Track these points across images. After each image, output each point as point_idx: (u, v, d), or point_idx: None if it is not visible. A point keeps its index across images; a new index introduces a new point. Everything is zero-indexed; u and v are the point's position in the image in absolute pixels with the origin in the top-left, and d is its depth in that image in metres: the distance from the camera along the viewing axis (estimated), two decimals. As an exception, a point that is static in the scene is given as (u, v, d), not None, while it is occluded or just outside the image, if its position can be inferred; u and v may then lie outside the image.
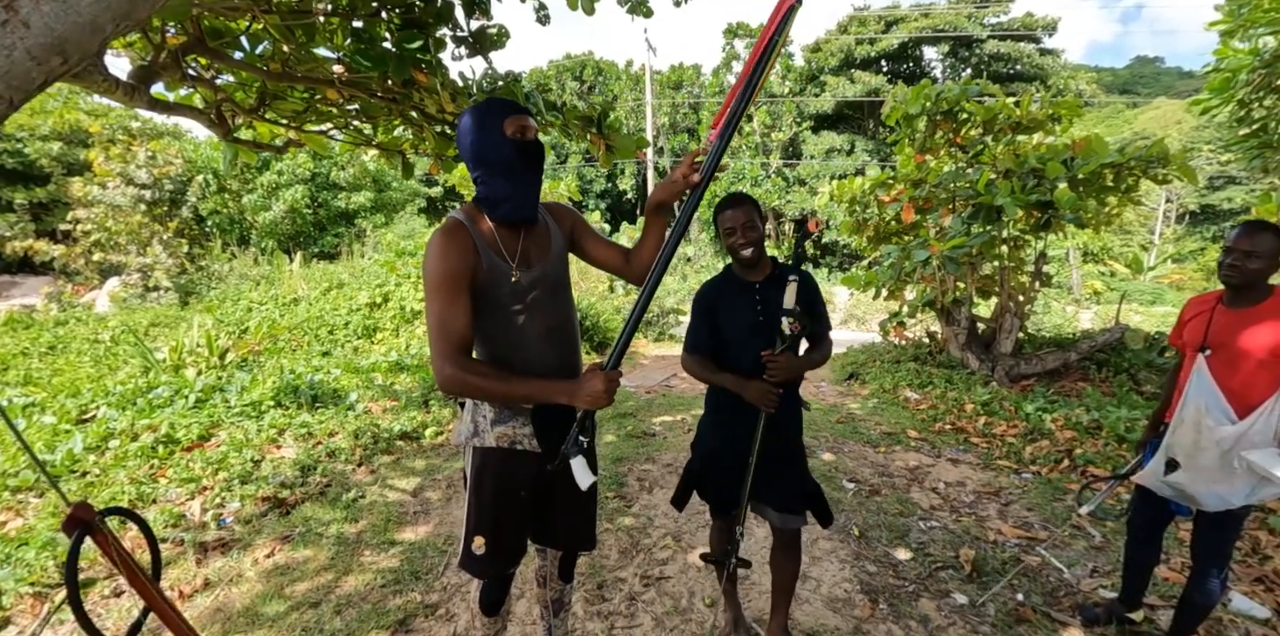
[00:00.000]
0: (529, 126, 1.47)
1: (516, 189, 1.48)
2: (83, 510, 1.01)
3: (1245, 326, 1.88)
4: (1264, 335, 1.84)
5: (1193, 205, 31.55)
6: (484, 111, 1.46)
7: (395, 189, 17.57)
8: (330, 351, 8.02)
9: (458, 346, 1.39)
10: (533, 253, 1.55)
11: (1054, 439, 4.41)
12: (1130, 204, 6.12)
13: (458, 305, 1.39)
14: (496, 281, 1.47)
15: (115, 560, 1.04)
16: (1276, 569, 2.82)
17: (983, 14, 24.85)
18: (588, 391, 1.38)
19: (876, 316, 11.77)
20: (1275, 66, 5.33)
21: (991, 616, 2.42)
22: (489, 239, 1.48)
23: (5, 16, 0.65)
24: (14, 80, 0.69)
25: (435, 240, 1.43)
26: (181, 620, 1.15)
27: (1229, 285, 1.94)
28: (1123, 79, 73.07)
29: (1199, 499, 1.94)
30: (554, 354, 1.57)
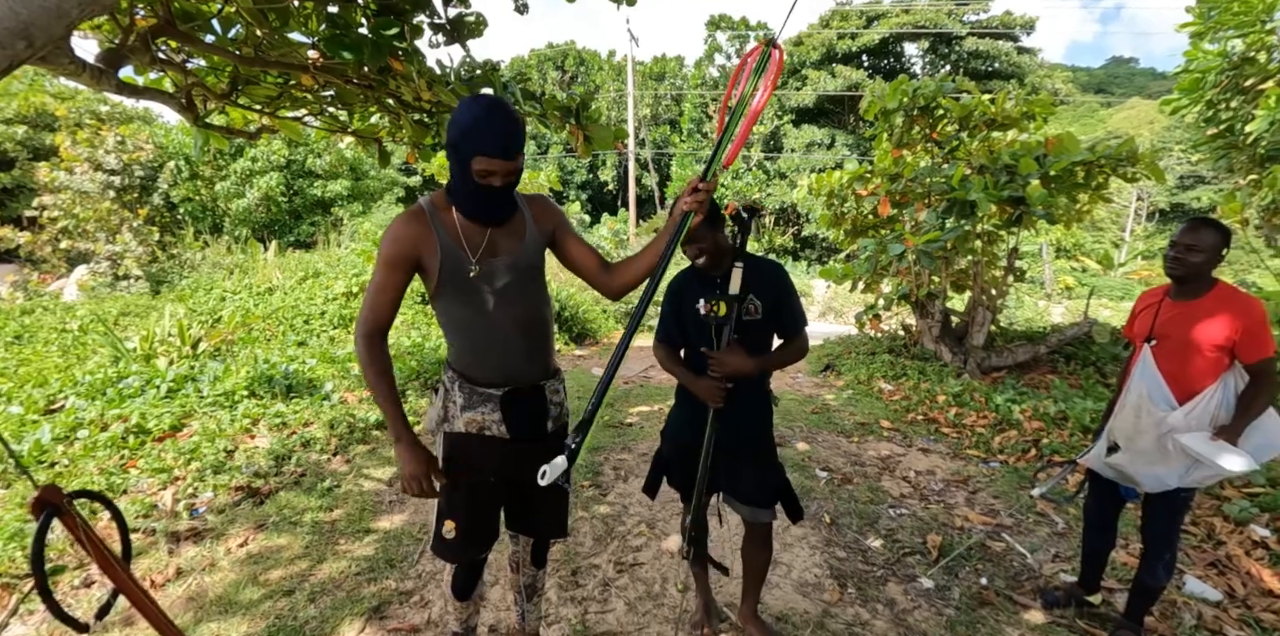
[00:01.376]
0: (494, 173, 1.39)
1: (476, 205, 1.49)
2: (50, 492, 1.01)
3: (1188, 318, 1.97)
4: (1205, 327, 1.92)
5: (1163, 203, 32.30)
6: (467, 132, 1.36)
7: (373, 177, 17.31)
8: (306, 341, 7.92)
9: (373, 323, 1.50)
10: (501, 244, 1.54)
11: (1022, 429, 4.53)
12: (1100, 201, 6.26)
13: (387, 287, 1.48)
14: (455, 270, 1.48)
15: (84, 542, 1.05)
16: (1229, 554, 2.94)
17: (963, 11, 25.09)
18: (402, 464, 1.53)
19: (853, 309, 11.93)
20: (1243, 68, 5.48)
21: (956, 599, 2.50)
22: (450, 229, 1.49)
23: None
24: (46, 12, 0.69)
25: (393, 222, 1.49)
26: (151, 602, 1.15)
27: (1173, 277, 2.03)
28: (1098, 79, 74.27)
29: (1138, 479, 2.03)
30: (523, 344, 1.58)
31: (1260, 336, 1.88)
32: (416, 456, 1.52)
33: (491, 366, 1.57)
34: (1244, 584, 2.69)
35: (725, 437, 1.87)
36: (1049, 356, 6.69)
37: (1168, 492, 2.02)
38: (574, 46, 30.83)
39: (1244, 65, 5.42)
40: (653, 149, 28.80)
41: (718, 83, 27.73)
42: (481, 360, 1.56)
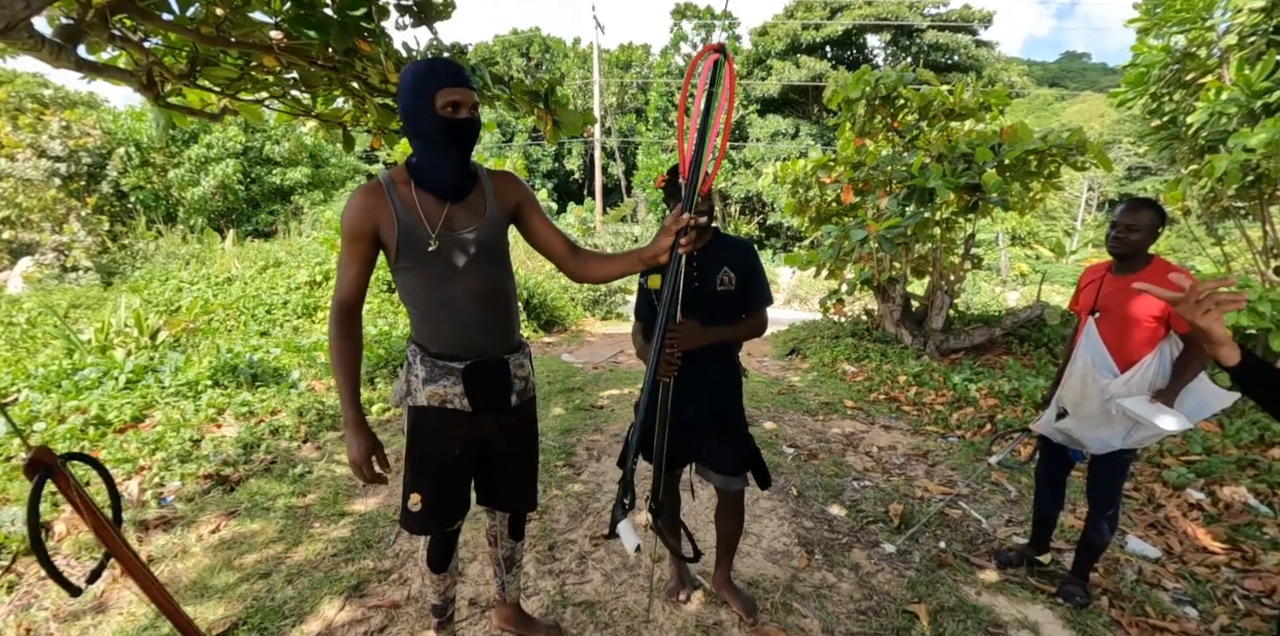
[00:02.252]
0: (461, 102, 1.41)
1: (436, 162, 1.48)
2: (44, 453, 1.02)
3: (1128, 291, 2.11)
4: (1143, 300, 2.07)
5: (1112, 193, 33.46)
6: (421, 76, 1.40)
7: (334, 165, 16.89)
8: (269, 331, 7.77)
9: (339, 298, 1.54)
10: (458, 218, 1.52)
11: (978, 406, 4.73)
12: (1053, 189, 6.51)
13: (352, 261, 1.52)
14: (413, 243, 1.48)
15: (76, 504, 1.06)
16: (1168, 516, 3.15)
17: (923, 4, 25.51)
18: (350, 449, 1.53)
19: (817, 295, 12.17)
20: (1184, 63, 5.71)
21: (916, 562, 2.64)
22: (407, 203, 1.48)
23: None
24: None
25: (352, 196, 1.50)
26: (141, 565, 1.18)
27: (1115, 255, 2.17)
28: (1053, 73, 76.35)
29: (1085, 442, 2.18)
30: (481, 317, 1.57)
31: None
32: (362, 442, 1.53)
33: (449, 339, 1.57)
34: (1180, 542, 2.90)
35: (697, 410, 1.95)
36: (1003, 338, 6.97)
37: (1111, 454, 2.18)
38: (539, 33, 30.43)
39: (1186, 60, 5.66)
40: (619, 137, 28.69)
41: (683, 71, 27.71)
42: (439, 333, 1.56)
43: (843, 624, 2.21)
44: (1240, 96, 4.85)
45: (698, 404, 1.95)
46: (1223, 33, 5.30)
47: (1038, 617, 2.29)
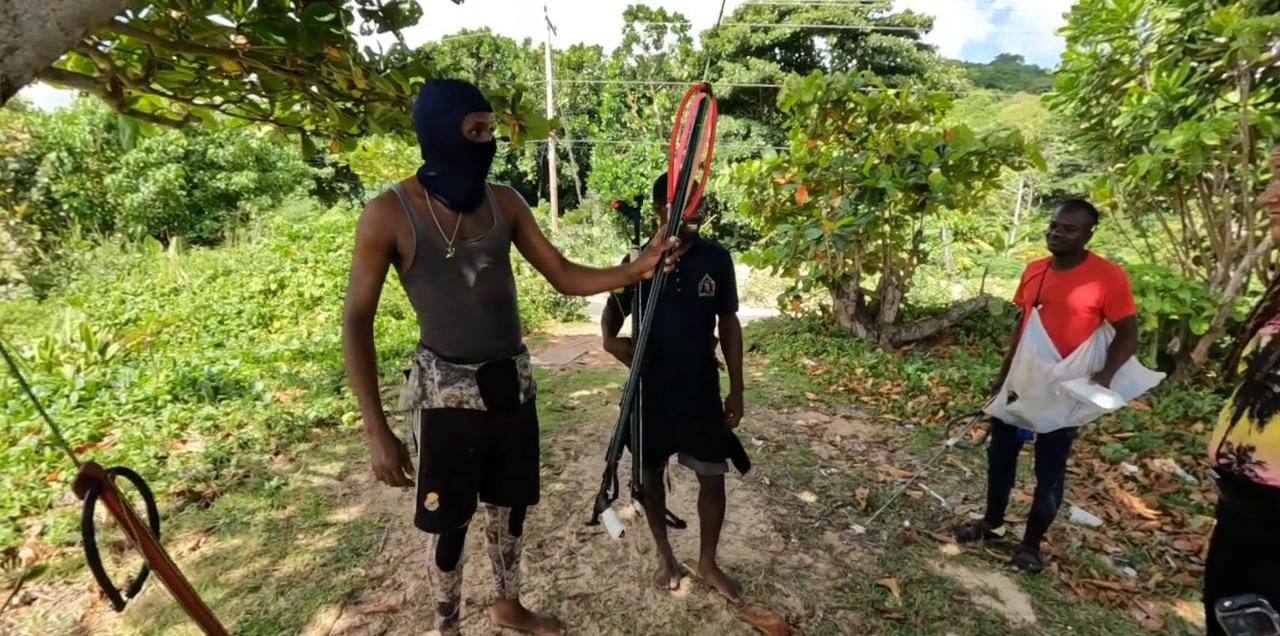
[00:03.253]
0: (485, 125, 1.53)
1: (459, 179, 1.57)
2: (93, 469, 1.06)
3: (1067, 285, 2.34)
4: (1080, 291, 2.30)
5: (1046, 190, 35.16)
6: (449, 98, 1.49)
7: (281, 168, 16.39)
8: (223, 342, 7.56)
9: (353, 307, 1.59)
10: (469, 228, 1.62)
11: (931, 394, 5.01)
12: (992, 187, 6.89)
13: (366, 271, 1.56)
14: (431, 252, 1.56)
15: (123, 519, 1.10)
16: (1106, 487, 3.43)
17: (867, 9, 26.31)
18: (375, 456, 1.60)
19: (773, 293, 12.47)
20: (1110, 69, 6.09)
21: (884, 541, 2.83)
22: (423, 213, 1.57)
23: None
24: (43, 49, 0.75)
25: (368, 208, 1.56)
26: (181, 579, 1.22)
27: (1055, 252, 2.41)
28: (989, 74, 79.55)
29: (1034, 422, 2.40)
30: (493, 321, 1.67)
31: (1123, 298, 2.27)
32: (389, 449, 1.58)
33: (463, 343, 1.66)
34: (1118, 511, 3.17)
35: (681, 403, 2.08)
36: (951, 329, 7.34)
37: (1056, 432, 2.40)
38: (489, 33, 30.12)
39: (1111, 66, 6.04)
40: (572, 139, 28.67)
41: (635, 73, 27.87)
42: (453, 338, 1.65)
43: (822, 600, 2.36)
44: (1160, 101, 5.23)
45: (682, 397, 2.09)
46: (1144, 41, 5.67)
47: (996, 584, 2.49)
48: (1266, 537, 1.09)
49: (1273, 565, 1.08)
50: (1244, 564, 1.14)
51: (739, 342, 2.22)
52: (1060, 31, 6.60)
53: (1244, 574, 1.14)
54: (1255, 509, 1.10)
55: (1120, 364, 2.29)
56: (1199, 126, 4.71)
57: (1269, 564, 1.09)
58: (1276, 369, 1.08)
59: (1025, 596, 2.43)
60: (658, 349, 2.05)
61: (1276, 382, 1.07)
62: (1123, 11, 5.73)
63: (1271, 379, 1.08)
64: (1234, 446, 1.13)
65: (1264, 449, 1.08)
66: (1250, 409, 1.12)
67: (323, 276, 8.85)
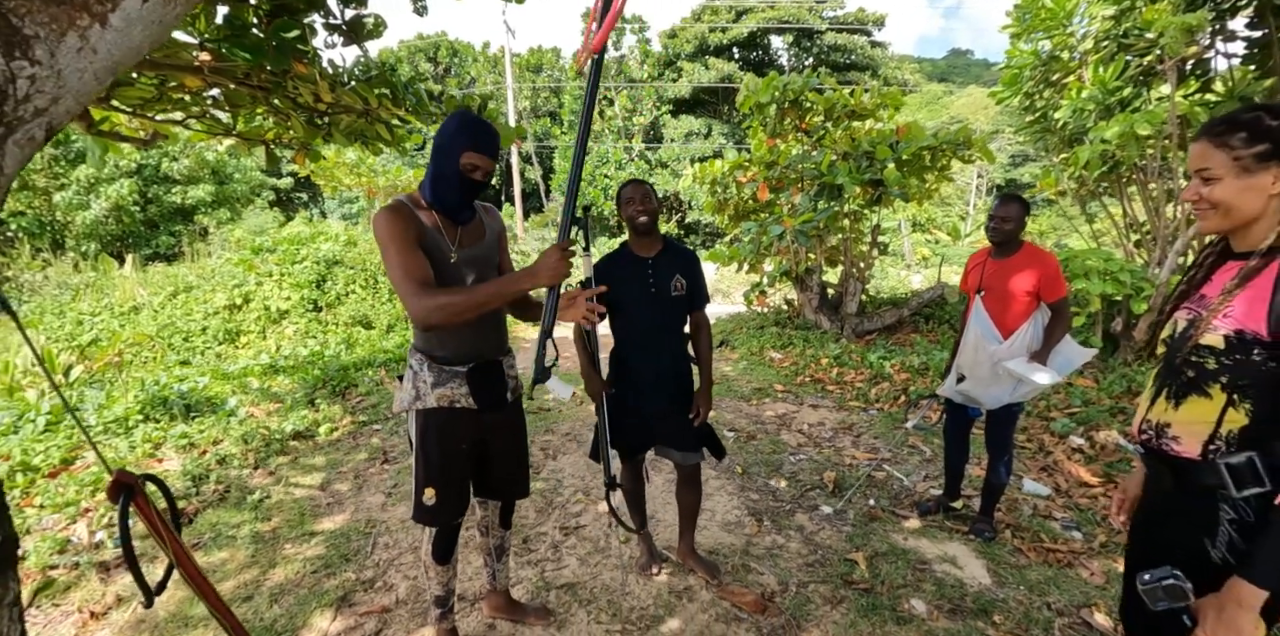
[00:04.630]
0: (480, 167, 1.67)
1: (451, 199, 1.72)
2: (125, 475, 1.14)
3: (1005, 272, 2.55)
4: (1018, 278, 2.51)
5: (999, 180, 36.19)
6: (459, 133, 1.64)
7: (238, 181, 16.06)
8: (189, 360, 7.45)
9: (419, 280, 1.56)
10: (465, 238, 1.79)
11: (893, 381, 5.23)
12: (945, 180, 7.18)
13: (416, 254, 1.60)
14: (438, 257, 1.70)
15: (153, 520, 1.18)
16: (1055, 460, 3.67)
17: (822, 8, 26.82)
18: (546, 266, 1.52)
19: (739, 289, 12.71)
20: (1051, 65, 6.38)
21: (852, 519, 3.00)
22: (429, 222, 1.71)
23: (80, 44, 0.81)
24: (81, 97, 0.84)
25: (384, 215, 1.64)
26: (203, 577, 1.30)
27: (993, 242, 2.62)
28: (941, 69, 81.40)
29: (982, 400, 2.60)
30: (484, 325, 1.82)
31: (1057, 282, 2.48)
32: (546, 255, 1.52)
33: (455, 345, 1.79)
34: (1066, 481, 3.40)
35: (657, 396, 2.22)
36: (911, 318, 7.62)
37: (1003, 407, 2.61)
38: (445, 37, 29.86)
39: (1052, 62, 6.34)
40: (534, 142, 28.62)
41: (595, 75, 27.89)
42: (447, 340, 1.78)
43: (795, 576, 2.52)
44: (1097, 94, 5.52)
45: (660, 393, 2.24)
46: (1081, 38, 5.98)
47: (955, 552, 2.68)
48: (1178, 500, 1.25)
49: (1180, 523, 1.23)
50: (1159, 524, 1.31)
51: (709, 338, 2.36)
52: (1004, 29, 6.90)
53: (1159, 531, 1.30)
54: (1169, 477, 1.26)
55: (1056, 343, 2.50)
56: (1133, 118, 5.01)
57: (1177, 522, 1.24)
58: (1190, 354, 1.19)
59: (982, 562, 2.62)
60: (634, 348, 2.19)
61: (1190, 367, 1.19)
62: (1060, 9, 6.03)
63: (1186, 363, 1.20)
64: (1153, 423, 1.27)
65: (1178, 426, 1.21)
66: (1167, 390, 1.25)
67: (289, 289, 8.75)
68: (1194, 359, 1.18)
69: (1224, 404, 1.14)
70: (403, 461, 4.02)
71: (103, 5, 0.81)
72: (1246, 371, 1.10)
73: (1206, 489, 1.15)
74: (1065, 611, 2.31)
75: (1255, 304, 1.09)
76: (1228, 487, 1.12)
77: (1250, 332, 1.09)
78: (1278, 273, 1.08)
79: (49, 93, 0.80)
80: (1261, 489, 1.09)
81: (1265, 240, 1.13)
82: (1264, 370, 1.08)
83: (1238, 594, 1.04)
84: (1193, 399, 1.19)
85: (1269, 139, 1.10)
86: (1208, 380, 1.16)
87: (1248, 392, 1.11)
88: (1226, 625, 1.05)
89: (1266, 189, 1.11)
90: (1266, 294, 1.08)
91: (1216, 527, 1.14)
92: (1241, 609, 1.04)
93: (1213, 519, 1.14)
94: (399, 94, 3.83)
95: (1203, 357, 1.16)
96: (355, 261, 9.49)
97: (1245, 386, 1.11)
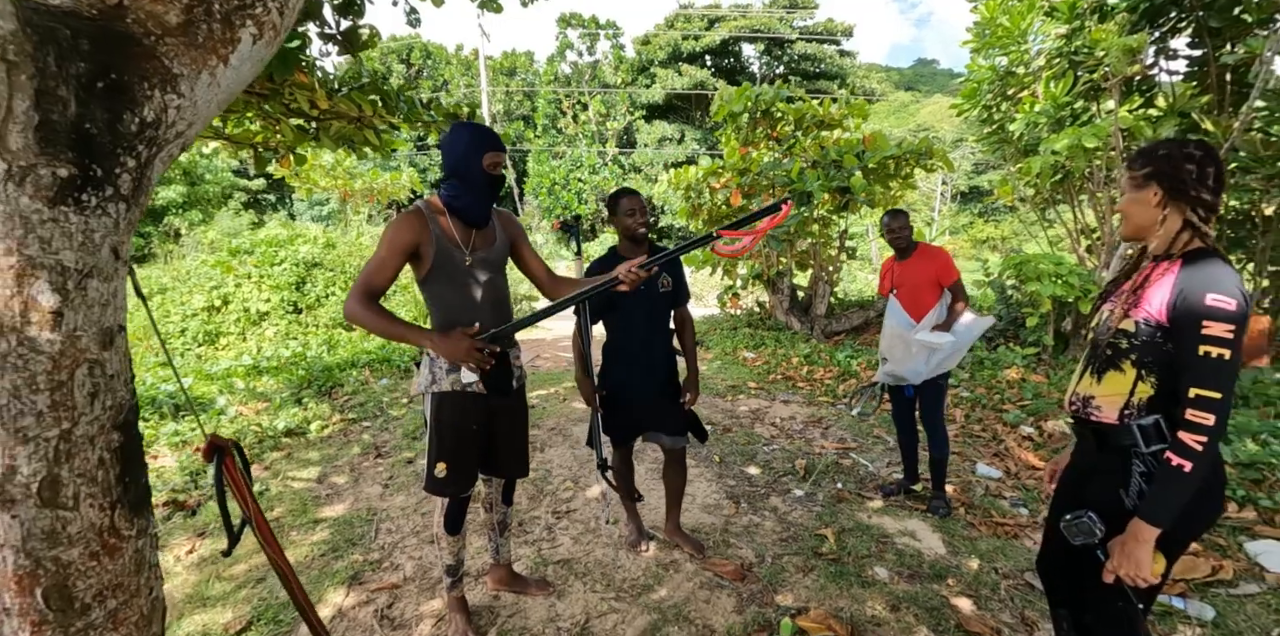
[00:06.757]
0: (499, 162, 1.92)
1: (473, 201, 1.94)
2: (218, 439, 1.33)
3: (909, 271, 3.09)
4: (917, 273, 3.05)
5: (963, 186, 37.31)
6: (477, 139, 1.87)
7: (210, 181, 15.89)
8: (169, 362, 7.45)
9: (369, 289, 1.81)
10: (478, 242, 2.00)
11: (860, 378, 5.56)
12: (909, 188, 7.56)
13: (391, 264, 1.86)
14: (451, 261, 1.91)
15: (237, 480, 1.37)
16: (1007, 447, 4.00)
17: (792, 17, 27.44)
18: (448, 346, 1.79)
19: (712, 292, 13.02)
20: (1008, 80, 6.76)
21: (821, 501, 3.27)
22: (444, 228, 1.92)
23: (210, 80, 1.01)
24: (206, 122, 1.04)
25: (398, 219, 1.90)
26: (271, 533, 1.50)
27: (896, 249, 3.13)
28: (908, 77, 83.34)
29: (907, 376, 3.00)
30: (494, 318, 2.02)
31: (948, 268, 3.02)
32: (449, 338, 1.79)
33: None
34: (1016, 464, 3.73)
35: (648, 386, 2.46)
36: (877, 319, 8.01)
37: (929, 383, 3.02)
38: (419, 39, 29.78)
39: (1008, 77, 6.71)
40: (508, 145, 28.70)
41: (569, 79, 28.15)
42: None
43: (770, 549, 2.77)
44: (1049, 108, 5.89)
45: (651, 382, 2.49)
46: (1035, 55, 6.39)
47: (914, 527, 2.97)
48: (1098, 460, 1.51)
49: (1101, 480, 1.49)
50: (1083, 482, 1.57)
51: (692, 330, 2.62)
52: (965, 44, 7.31)
53: (1082, 488, 1.56)
54: (1092, 440, 1.52)
55: (958, 316, 2.98)
56: (1081, 131, 5.38)
57: (1098, 479, 1.50)
58: (1110, 337, 1.45)
59: (938, 535, 2.91)
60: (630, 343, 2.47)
61: (1109, 347, 1.45)
62: (1016, 28, 6.41)
63: (1107, 345, 1.45)
64: (1080, 396, 1.52)
65: (1100, 397, 1.46)
66: (1091, 367, 1.50)
67: (268, 291, 8.79)
68: (1112, 341, 1.44)
69: (1135, 378, 1.39)
70: (396, 455, 4.19)
71: (226, 48, 1.02)
72: (1151, 351, 1.36)
73: (1123, 448, 1.41)
74: (1010, 575, 2.59)
75: (1158, 297, 1.35)
76: (1139, 445, 1.37)
77: (1154, 319, 1.35)
78: (1177, 272, 1.35)
79: (187, 119, 1.00)
80: (1164, 445, 1.34)
81: (1165, 247, 1.40)
82: (1164, 350, 1.34)
83: (1136, 530, 1.30)
84: (1111, 374, 1.44)
85: (1151, 163, 1.39)
86: (1122, 358, 1.41)
87: (1153, 368, 1.36)
88: (1128, 556, 1.30)
89: (1150, 202, 1.40)
90: (1167, 289, 1.34)
91: (1130, 479, 1.38)
92: (1139, 543, 1.29)
93: (1127, 472, 1.39)
94: (391, 101, 4.01)
95: (1118, 340, 1.42)
96: (334, 264, 9.55)
97: (1150, 363, 1.37)
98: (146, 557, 1.04)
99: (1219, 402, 1.23)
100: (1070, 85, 5.74)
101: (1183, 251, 1.37)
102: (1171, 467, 1.26)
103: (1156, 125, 5.28)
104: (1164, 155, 1.38)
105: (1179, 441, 1.26)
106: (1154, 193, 1.39)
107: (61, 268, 0.86)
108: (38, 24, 0.79)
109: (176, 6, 0.94)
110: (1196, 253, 1.35)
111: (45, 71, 0.79)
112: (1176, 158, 1.36)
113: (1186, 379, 1.27)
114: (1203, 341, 1.24)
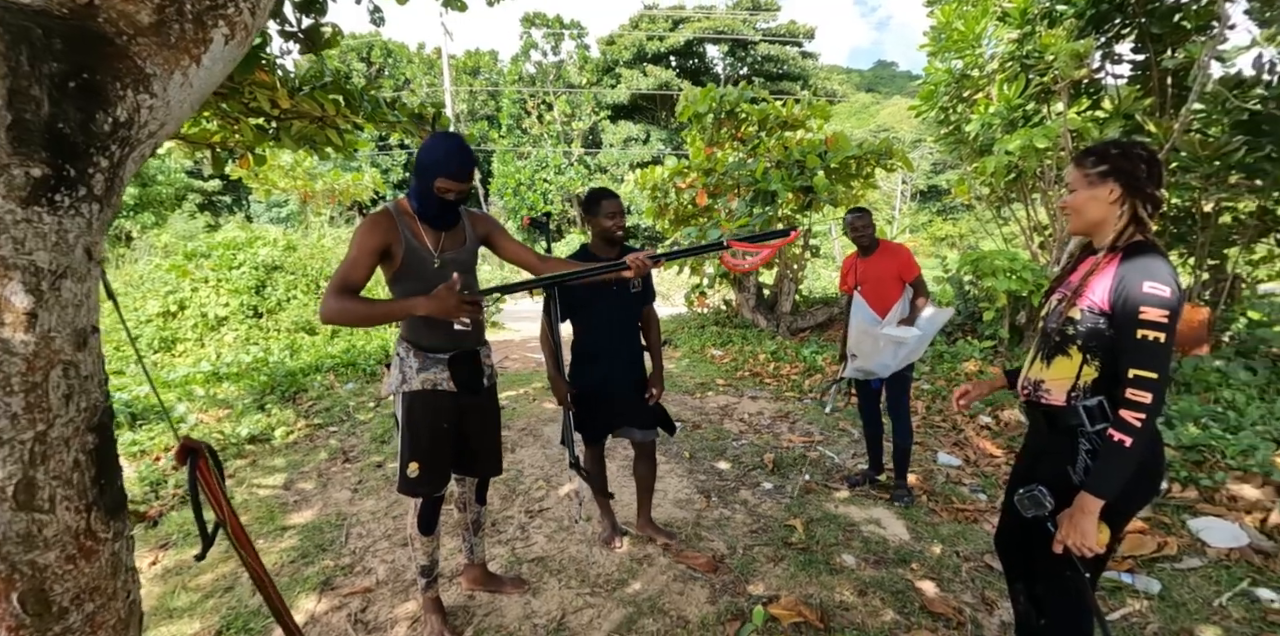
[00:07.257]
0: (450, 190, 1.86)
1: (429, 213, 1.94)
2: (191, 442, 1.32)
3: (873, 268, 3.18)
4: (880, 270, 3.14)
5: (922, 185, 38.21)
6: (436, 161, 1.82)
7: (162, 183, 15.34)
8: (123, 369, 7.19)
9: (341, 284, 1.78)
10: (448, 243, 2.00)
11: (825, 372, 5.69)
12: (870, 187, 7.74)
13: (363, 264, 1.85)
14: (419, 261, 1.92)
15: (210, 483, 1.36)
16: (966, 436, 4.15)
17: (755, 19, 27.78)
18: (439, 304, 1.74)
19: (679, 292, 13.14)
20: (963, 83, 6.98)
21: (789, 493, 3.36)
22: (413, 228, 1.93)
23: (183, 80, 1.01)
24: (179, 122, 1.04)
25: (367, 220, 1.90)
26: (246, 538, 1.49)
27: (860, 246, 3.21)
28: (869, 79, 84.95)
29: (875, 370, 3.10)
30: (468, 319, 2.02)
31: (910, 264, 3.12)
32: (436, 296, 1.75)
33: (438, 335, 2.00)
34: (975, 453, 3.88)
35: (622, 382, 2.49)
36: (840, 315, 8.15)
37: (895, 375, 3.11)
38: (379, 37, 29.26)
39: (963, 80, 6.92)
40: (472, 145, 28.44)
41: (534, 79, 28.00)
42: (433, 330, 1.99)
43: (741, 541, 2.84)
44: (1003, 110, 6.10)
45: (625, 378, 2.54)
46: (989, 58, 6.60)
47: (879, 515, 3.07)
48: (1048, 441, 1.60)
49: (1051, 459, 1.58)
50: (1035, 462, 1.66)
51: (658, 329, 2.67)
52: (922, 48, 7.52)
53: (1034, 468, 1.65)
54: (1042, 422, 1.61)
55: (920, 310, 3.09)
56: (1032, 132, 5.59)
57: (1048, 459, 1.59)
58: (1058, 324, 1.53)
59: (902, 522, 3.01)
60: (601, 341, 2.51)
61: (1057, 335, 1.54)
62: (970, 32, 6.62)
63: (1055, 332, 1.54)
64: (1031, 380, 1.61)
65: (1049, 381, 1.56)
66: (1041, 353, 1.59)
67: (227, 295, 8.55)
68: (1060, 328, 1.53)
69: (1080, 362, 1.49)
70: (364, 459, 4.14)
71: (198, 48, 1.02)
72: (1095, 336, 1.45)
73: (1070, 428, 1.50)
74: (971, 557, 2.71)
75: (1101, 286, 1.44)
76: (1085, 424, 1.46)
77: (1097, 307, 1.44)
78: (1118, 263, 1.44)
79: (159, 119, 1.00)
80: (1107, 423, 1.43)
81: (1113, 240, 1.49)
82: (1106, 335, 1.43)
83: (1082, 503, 1.39)
84: (1059, 359, 1.53)
85: (1107, 162, 1.47)
86: (1069, 344, 1.50)
87: (1097, 352, 1.46)
88: (1075, 527, 1.39)
89: (1105, 199, 1.49)
90: (1109, 279, 1.43)
91: (1077, 457, 1.48)
92: (1085, 514, 1.38)
93: (1074, 451, 1.48)
94: (354, 101, 3.96)
95: (1065, 327, 1.51)
96: (296, 267, 9.32)
97: (1095, 348, 1.46)
98: (123, 560, 1.04)
99: (1155, 382, 1.32)
100: (1022, 88, 5.96)
101: (1125, 244, 1.46)
102: (1113, 443, 1.36)
103: (1103, 127, 5.51)
104: (1121, 154, 1.46)
105: (1120, 419, 1.35)
106: (1110, 189, 1.47)
107: (35, 268, 0.85)
108: (10, 23, 0.79)
109: (148, 6, 0.94)
110: (1136, 246, 1.45)
111: (18, 71, 0.79)
112: (1133, 157, 1.45)
113: (1125, 361, 1.37)
114: (1140, 326, 1.34)
